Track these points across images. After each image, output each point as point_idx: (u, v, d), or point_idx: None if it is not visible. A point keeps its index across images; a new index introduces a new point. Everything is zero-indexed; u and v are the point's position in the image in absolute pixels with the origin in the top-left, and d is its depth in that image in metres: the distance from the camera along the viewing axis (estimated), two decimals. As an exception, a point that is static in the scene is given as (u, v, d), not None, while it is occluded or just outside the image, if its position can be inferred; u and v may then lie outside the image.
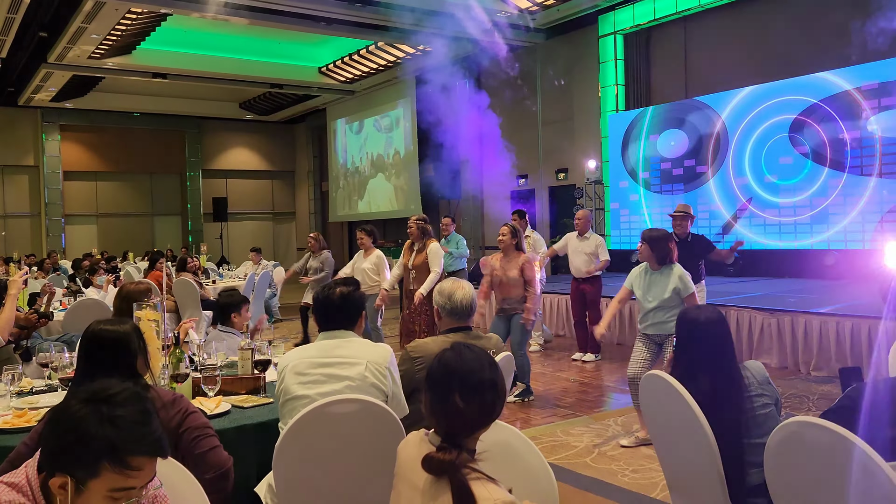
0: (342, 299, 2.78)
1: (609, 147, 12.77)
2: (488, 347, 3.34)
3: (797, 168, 10.08)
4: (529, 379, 6.12)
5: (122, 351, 2.36)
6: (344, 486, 2.42)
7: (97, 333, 2.39)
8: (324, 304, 2.79)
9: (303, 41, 15.85)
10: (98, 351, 2.35)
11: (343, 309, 2.77)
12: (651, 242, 4.81)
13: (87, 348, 2.38)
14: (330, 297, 2.79)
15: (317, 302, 2.83)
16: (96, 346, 2.36)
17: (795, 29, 10.45)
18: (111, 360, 2.33)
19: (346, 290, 2.82)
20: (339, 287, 2.83)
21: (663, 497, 3.82)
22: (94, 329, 2.41)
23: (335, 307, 2.77)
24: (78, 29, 12.45)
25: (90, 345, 2.37)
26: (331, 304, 2.77)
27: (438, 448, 1.70)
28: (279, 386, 2.68)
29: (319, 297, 2.83)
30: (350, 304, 2.79)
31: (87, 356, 2.37)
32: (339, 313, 2.77)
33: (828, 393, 5.98)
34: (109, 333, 2.37)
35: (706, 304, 6.01)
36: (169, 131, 21.20)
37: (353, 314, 2.80)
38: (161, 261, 8.83)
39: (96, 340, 2.37)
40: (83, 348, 2.39)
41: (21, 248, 17.85)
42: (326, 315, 2.78)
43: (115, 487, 1.42)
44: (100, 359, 2.33)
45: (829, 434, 1.99)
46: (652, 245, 4.80)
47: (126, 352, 2.36)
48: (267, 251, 21.45)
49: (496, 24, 13.07)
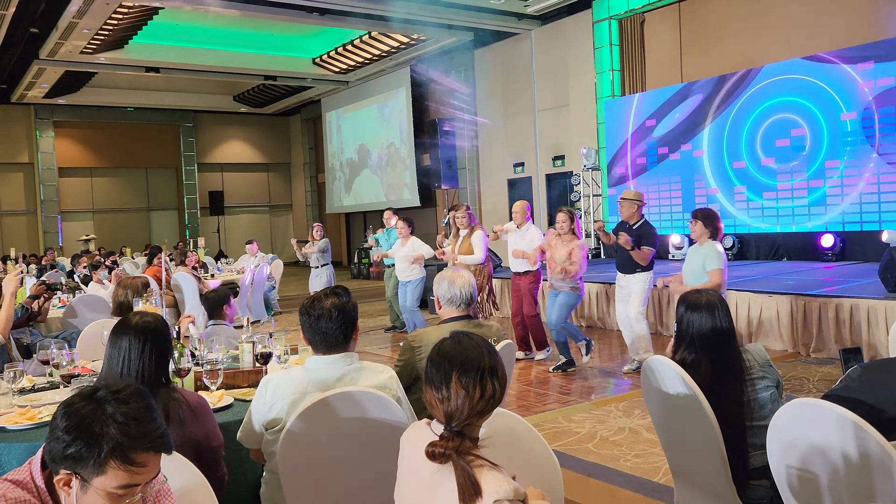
0: (338, 313, 2.42)
1: (605, 133, 12.74)
2: (489, 336, 3.36)
3: (794, 150, 10.07)
4: (570, 351, 6.60)
5: (161, 346, 2.28)
6: (348, 476, 2.42)
7: (143, 326, 2.27)
8: (315, 321, 2.42)
9: (296, 32, 15.76)
10: (148, 343, 2.25)
11: (343, 324, 2.44)
12: (703, 220, 5.24)
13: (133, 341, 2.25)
14: (322, 311, 2.42)
15: (306, 317, 2.44)
16: (146, 338, 2.26)
17: (790, 11, 10.42)
18: (158, 353, 2.25)
19: (340, 302, 2.44)
20: (330, 298, 2.45)
21: (666, 481, 3.84)
22: (136, 323, 2.29)
23: (331, 322, 2.41)
24: (69, 24, 12.37)
25: (139, 337, 2.26)
26: (326, 319, 2.41)
27: (441, 437, 1.70)
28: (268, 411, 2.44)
29: (308, 311, 2.44)
30: (346, 317, 2.44)
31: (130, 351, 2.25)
32: (335, 331, 2.42)
33: (828, 375, 6.00)
34: (149, 327, 2.28)
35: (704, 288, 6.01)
36: (163, 125, 21.14)
37: (350, 329, 2.47)
38: (159, 256, 8.82)
39: (144, 332, 2.26)
40: (128, 342, 2.26)
41: (18, 245, 17.81)
42: (320, 333, 2.43)
43: (121, 484, 1.42)
44: (142, 354, 2.23)
45: (832, 415, 1.99)
46: (704, 221, 5.23)
47: (163, 347, 2.30)
48: (265, 244, 21.43)
49: (491, 11, 13.02)
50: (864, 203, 9.34)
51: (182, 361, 2.99)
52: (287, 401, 2.44)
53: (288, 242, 23.74)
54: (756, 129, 10.51)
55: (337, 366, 2.47)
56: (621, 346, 7.30)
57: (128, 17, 12.95)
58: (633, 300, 6.26)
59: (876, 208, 9.21)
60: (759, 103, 10.44)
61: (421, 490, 1.73)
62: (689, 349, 2.67)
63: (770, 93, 10.29)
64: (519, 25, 13.69)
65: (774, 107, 10.26)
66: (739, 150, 10.74)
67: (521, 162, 14.59)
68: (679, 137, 11.60)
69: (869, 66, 9.19)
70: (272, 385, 2.48)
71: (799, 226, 10.07)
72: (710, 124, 11.15)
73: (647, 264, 6.17)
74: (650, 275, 6.23)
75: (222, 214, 21.46)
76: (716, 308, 2.66)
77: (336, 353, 2.47)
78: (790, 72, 10.01)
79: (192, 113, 21.28)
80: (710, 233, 5.22)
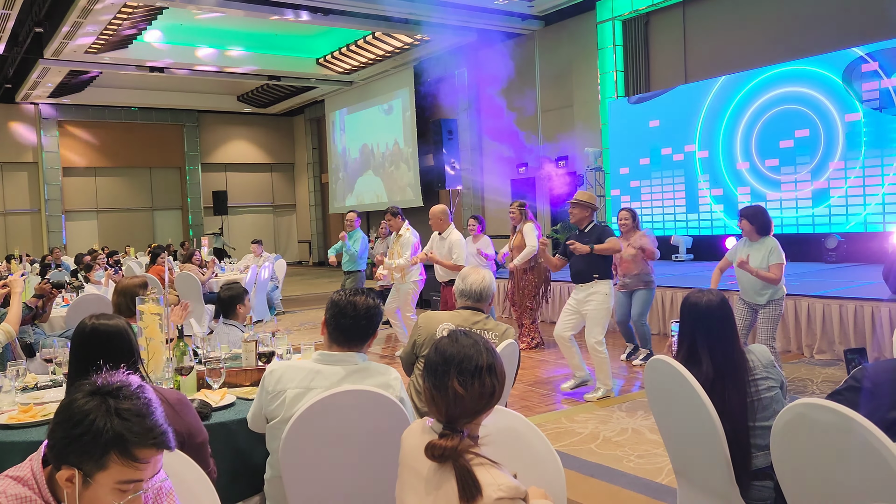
0: (366, 312, 2.50)
1: (609, 134, 12.73)
2: (494, 331, 3.38)
3: (798, 151, 10.05)
4: (651, 345, 6.82)
5: (121, 347, 2.31)
6: (349, 475, 2.42)
7: (95, 329, 2.31)
8: (342, 316, 2.49)
9: (300, 33, 15.78)
10: (96, 347, 2.27)
11: (367, 325, 2.51)
12: (749, 217, 5.39)
13: (83, 345, 2.29)
14: (353, 307, 2.49)
15: (337, 308, 2.51)
16: (94, 342, 2.29)
17: (794, 11, 10.40)
18: (111, 356, 2.24)
19: (372, 304, 2.53)
20: (363, 298, 2.53)
21: (669, 482, 3.83)
22: (90, 325, 2.33)
23: (357, 320, 2.49)
24: (74, 23, 12.40)
25: (87, 341, 2.30)
26: (354, 315, 2.49)
27: (441, 435, 1.70)
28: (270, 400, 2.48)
29: (340, 305, 2.51)
30: (372, 321, 2.53)
31: (83, 353, 2.28)
32: (357, 328, 2.49)
33: (831, 376, 5.98)
34: (105, 328, 2.32)
35: (708, 288, 5.97)
36: (167, 125, 21.17)
37: (371, 332, 2.55)
38: (162, 255, 8.84)
39: (94, 336, 2.30)
40: (79, 345, 2.30)
41: (22, 244, 17.86)
42: (344, 328, 2.49)
43: (123, 479, 1.43)
44: (96, 356, 2.22)
45: (836, 415, 1.98)
46: (749, 219, 5.37)
47: (126, 348, 2.32)
48: (268, 244, 21.47)
49: (495, 12, 13.02)
50: (868, 205, 9.31)
51: (184, 360, 2.99)
52: (291, 392, 2.45)
53: (291, 242, 23.85)
54: (760, 130, 10.49)
55: (345, 363, 2.50)
56: (622, 346, 7.27)
57: (132, 17, 12.98)
58: (592, 321, 5.56)
59: (880, 209, 9.19)
60: (763, 104, 10.41)
61: (422, 489, 1.73)
62: (691, 349, 2.66)
63: (774, 94, 10.27)
64: (523, 26, 13.69)
65: (778, 108, 10.24)
66: (743, 150, 10.72)
67: (525, 162, 14.58)
68: (683, 138, 11.58)
69: (873, 67, 9.17)
70: (278, 374, 2.51)
71: (802, 227, 10.04)
72: (713, 125, 11.13)
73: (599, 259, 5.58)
74: (609, 286, 5.61)
75: (226, 214, 21.49)
76: (718, 308, 2.65)
77: (349, 351, 2.51)
78: (794, 72, 9.99)
79: (196, 113, 21.31)
80: (756, 228, 5.38)
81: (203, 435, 2.37)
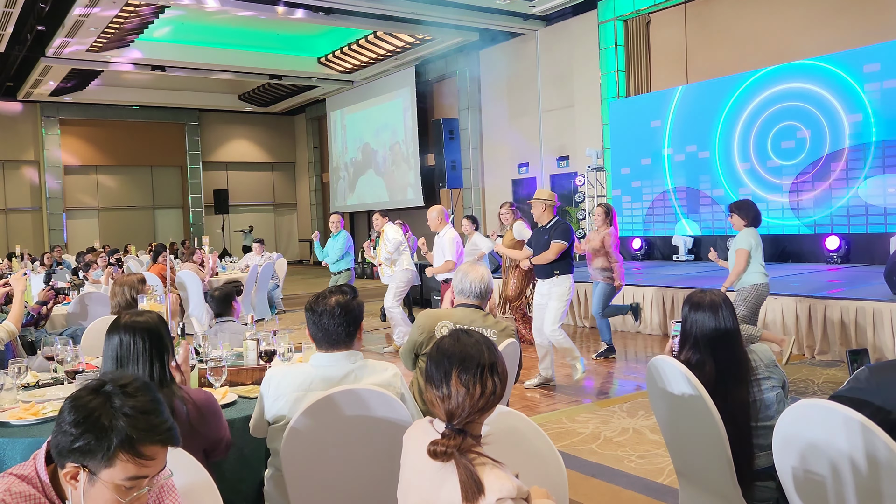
0: (342, 309, 2.47)
1: (610, 134, 12.72)
2: (497, 330, 3.38)
3: (800, 152, 10.04)
4: (611, 338, 7.01)
5: (158, 343, 2.27)
6: (352, 473, 2.42)
7: (138, 325, 2.25)
8: (319, 317, 2.48)
9: (301, 32, 15.77)
10: (136, 343, 2.22)
11: (347, 321, 2.48)
12: (736, 210, 5.78)
13: (125, 340, 2.23)
14: (326, 308, 2.47)
15: (310, 313, 2.50)
16: (136, 337, 2.23)
17: (796, 11, 10.39)
18: (149, 352, 2.22)
19: (344, 300, 2.50)
20: (335, 296, 2.51)
21: (670, 482, 3.83)
22: (128, 321, 2.27)
23: (336, 318, 2.46)
24: (76, 22, 12.40)
25: (129, 336, 2.23)
26: (331, 315, 2.47)
27: (443, 435, 1.70)
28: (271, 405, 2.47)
29: (313, 307, 2.51)
30: (350, 315, 2.49)
31: (121, 350, 2.22)
32: (337, 328, 2.47)
33: (833, 377, 5.98)
34: (143, 325, 2.26)
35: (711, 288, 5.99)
36: (168, 124, 21.18)
37: (353, 327, 2.51)
38: (164, 254, 8.84)
39: (133, 331, 2.24)
40: (119, 341, 2.24)
41: (23, 242, 17.86)
42: (323, 330, 2.48)
43: (129, 476, 1.43)
44: (137, 352, 2.21)
45: (839, 416, 1.98)
46: (737, 212, 5.75)
47: (161, 344, 2.28)
48: (269, 243, 21.46)
49: (496, 11, 13.01)
50: (870, 205, 9.30)
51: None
52: (291, 397, 2.44)
53: (292, 241, 23.86)
54: (761, 130, 10.48)
55: (342, 363, 2.49)
56: (624, 346, 7.28)
57: (134, 16, 12.98)
58: (549, 312, 5.84)
59: (881, 210, 9.18)
60: (765, 104, 10.40)
61: (424, 488, 1.73)
62: (693, 349, 2.65)
63: (775, 94, 10.26)
64: (524, 26, 13.68)
65: (780, 108, 10.23)
66: (745, 151, 10.71)
67: (526, 162, 14.57)
68: (684, 138, 11.58)
69: (875, 68, 9.17)
70: (276, 380, 2.49)
71: (804, 227, 10.04)
72: (715, 125, 11.12)
73: (556, 258, 5.76)
74: (569, 281, 5.84)
75: (227, 213, 21.50)
76: (720, 308, 2.65)
77: (339, 351, 2.50)
78: (796, 73, 9.98)
79: (197, 112, 21.31)
80: (746, 222, 5.71)
81: (228, 437, 2.40)
